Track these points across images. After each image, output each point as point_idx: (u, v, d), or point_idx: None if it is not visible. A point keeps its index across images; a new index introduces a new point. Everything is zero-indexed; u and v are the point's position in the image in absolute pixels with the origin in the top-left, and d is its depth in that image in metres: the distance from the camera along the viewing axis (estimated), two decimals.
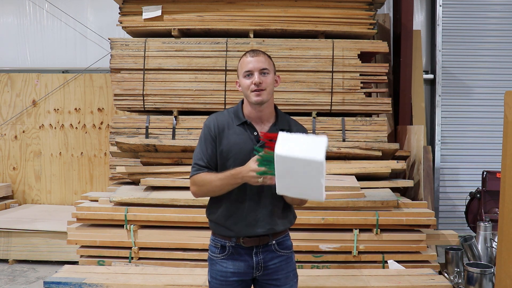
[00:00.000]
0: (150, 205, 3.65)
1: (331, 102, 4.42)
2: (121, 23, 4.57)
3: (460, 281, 3.42)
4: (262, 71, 1.91)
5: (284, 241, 2.03)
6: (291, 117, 2.14)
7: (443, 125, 5.83)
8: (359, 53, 4.42)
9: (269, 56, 1.98)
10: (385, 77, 4.47)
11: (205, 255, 3.57)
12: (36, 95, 5.76)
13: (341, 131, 4.37)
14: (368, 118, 4.44)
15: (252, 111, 1.95)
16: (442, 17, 5.77)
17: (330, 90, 4.42)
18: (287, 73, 4.41)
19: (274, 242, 1.98)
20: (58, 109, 5.74)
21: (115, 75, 4.50)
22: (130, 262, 3.60)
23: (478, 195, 4.75)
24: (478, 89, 5.82)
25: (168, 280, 3.05)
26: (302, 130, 2.04)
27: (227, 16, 4.50)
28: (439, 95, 5.80)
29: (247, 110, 1.97)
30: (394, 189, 4.00)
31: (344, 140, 4.34)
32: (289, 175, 1.62)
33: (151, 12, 4.49)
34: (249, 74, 1.91)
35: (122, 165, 4.17)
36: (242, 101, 2.02)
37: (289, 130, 1.93)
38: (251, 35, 4.47)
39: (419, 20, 5.92)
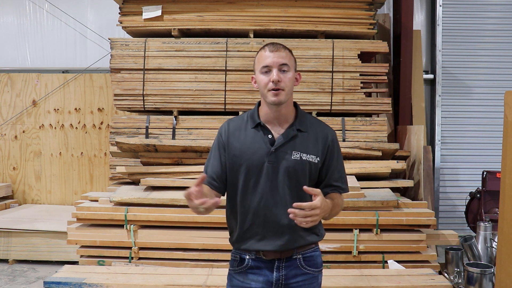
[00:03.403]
0: (150, 205, 3.65)
1: (331, 102, 4.42)
2: (121, 23, 4.57)
3: (460, 281, 3.42)
4: (282, 68, 1.69)
5: (313, 257, 1.79)
6: (318, 117, 1.91)
7: (443, 125, 5.83)
8: (359, 53, 4.42)
9: (290, 51, 1.76)
10: (385, 77, 4.47)
11: (205, 255, 3.59)
12: (36, 95, 5.76)
13: (341, 131, 4.37)
14: (368, 118, 4.44)
15: (268, 111, 1.75)
16: (442, 17, 5.77)
17: (330, 90, 4.42)
18: None
19: (299, 256, 1.75)
20: (58, 109, 5.74)
21: (115, 75, 4.50)
22: (130, 262, 3.60)
23: (478, 195, 4.75)
24: (478, 89, 5.82)
25: (168, 280, 3.04)
26: (326, 132, 1.80)
27: (227, 16, 4.50)
28: (439, 95, 5.80)
29: (263, 110, 1.77)
30: (394, 189, 4.00)
31: (344, 140, 4.34)
32: None
33: (151, 12, 4.49)
34: (267, 70, 1.69)
35: (122, 165, 4.17)
36: (259, 103, 1.82)
37: (309, 132, 1.76)
38: (251, 35, 4.47)
39: (419, 20, 5.92)
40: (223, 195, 1.82)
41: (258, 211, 1.72)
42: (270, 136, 1.73)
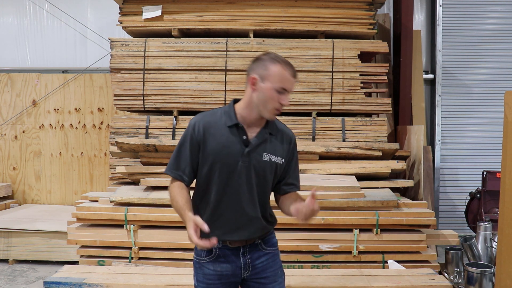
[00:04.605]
0: (150, 205, 3.64)
1: (331, 102, 4.42)
2: (121, 23, 4.57)
3: (460, 281, 3.42)
4: (291, 92, 1.83)
5: (270, 239, 2.00)
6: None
7: (443, 125, 5.83)
8: (359, 53, 4.42)
9: None
10: (385, 77, 4.47)
11: None
12: (36, 95, 5.76)
13: (341, 131, 4.37)
14: (368, 118, 4.44)
15: (250, 116, 1.84)
16: (442, 17, 5.77)
17: (330, 90, 4.42)
18: None
19: (260, 241, 1.96)
20: (58, 109, 5.74)
21: (115, 75, 4.50)
22: (130, 262, 3.60)
23: (478, 195, 4.75)
24: (478, 89, 5.82)
25: (168, 280, 3.04)
26: (290, 135, 1.96)
27: (227, 16, 4.50)
28: (439, 95, 5.80)
29: (243, 112, 1.85)
30: (394, 189, 4.00)
31: (344, 140, 4.34)
32: None
33: (151, 12, 4.49)
34: (282, 92, 1.79)
35: (122, 165, 4.17)
36: (235, 101, 1.92)
37: (277, 135, 1.90)
38: (251, 35, 4.47)
39: (419, 20, 5.92)
40: (189, 185, 1.92)
41: (229, 204, 1.86)
42: (244, 137, 1.84)
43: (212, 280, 1.92)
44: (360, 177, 3.94)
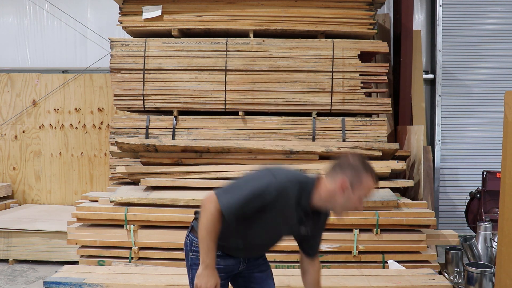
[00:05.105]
0: (150, 205, 3.65)
1: (331, 102, 4.42)
2: (121, 23, 4.57)
3: (460, 281, 3.42)
4: None
5: None
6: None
7: (443, 125, 5.82)
8: (359, 53, 4.42)
9: None
10: (385, 77, 4.47)
11: None
12: (36, 95, 5.76)
13: (341, 131, 4.37)
14: (368, 118, 4.44)
15: (321, 205, 1.88)
16: (442, 17, 5.77)
17: (330, 90, 4.42)
18: (287, 73, 4.41)
19: None
20: (58, 109, 5.74)
21: (115, 75, 4.50)
22: (130, 262, 3.60)
23: (478, 195, 4.75)
24: (478, 89, 5.82)
25: (168, 280, 3.05)
26: (328, 214, 2.06)
27: (227, 16, 4.50)
28: (439, 95, 5.80)
29: (318, 202, 1.86)
30: (394, 189, 4.00)
31: (344, 140, 4.34)
32: None
33: (151, 12, 4.49)
34: (362, 198, 1.87)
35: (122, 165, 4.17)
36: (315, 182, 1.86)
37: (321, 216, 1.98)
38: (251, 35, 4.47)
39: (419, 20, 5.92)
40: None
41: (253, 245, 2.01)
42: (302, 216, 1.89)
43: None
44: None
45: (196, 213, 2.07)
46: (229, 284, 2.16)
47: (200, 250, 1.81)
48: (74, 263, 3.81)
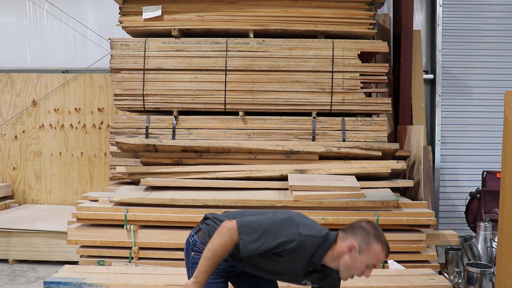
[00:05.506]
0: (150, 205, 3.65)
1: (331, 102, 4.42)
2: (121, 23, 4.57)
3: (460, 281, 3.42)
4: None
5: None
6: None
7: (443, 125, 5.82)
8: (359, 53, 4.42)
9: None
10: (385, 77, 4.47)
11: None
12: (36, 95, 5.76)
13: (341, 131, 4.37)
14: (368, 118, 4.44)
15: (330, 265, 1.90)
16: (442, 17, 5.77)
17: (330, 90, 4.42)
18: (287, 73, 4.41)
19: None
20: (58, 109, 5.74)
21: (115, 75, 4.50)
22: (130, 262, 3.60)
23: (478, 195, 4.75)
24: (478, 89, 5.82)
25: (168, 280, 3.05)
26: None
27: (227, 16, 4.50)
28: (439, 95, 5.80)
29: (329, 262, 1.89)
30: (394, 189, 4.00)
31: (344, 140, 4.34)
32: None
33: (151, 12, 4.49)
34: (371, 267, 1.86)
35: (122, 165, 4.17)
36: (333, 242, 1.89)
37: (328, 271, 1.99)
38: (251, 35, 4.48)
39: (419, 20, 5.92)
40: None
41: (250, 270, 2.04)
42: (309, 270, 1.93)
43: (216, 273, 2.00)
44: (360, 177, 3.94)
45: (206, 218, 2.07)
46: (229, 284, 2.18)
47: (198, 265, 1.83)
48: (74, 263, 3.81)
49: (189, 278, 2.05)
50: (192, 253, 2.06)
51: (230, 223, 1.82)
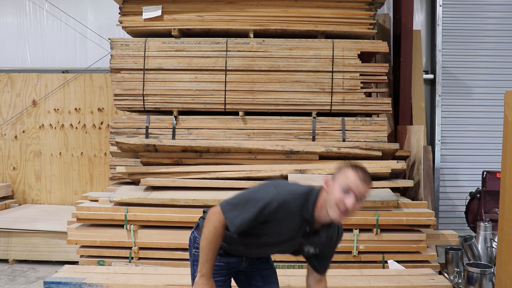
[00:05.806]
0: (150, 205, 3.65)
1: (331, 102, 4.42)
2: (121, 23, 4.57)
3: (460, 281, 3.42)
4: (360, 199, 1.78)
5: None
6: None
7: (443, 125, 5.82)
8: (359, 53, 4.42)
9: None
10: (385, 77, 4.47)
11: None
12: (36, 95, 5.76)
13: (341, 131, 4.37)
14: (368, 118, 4.44)
15: (322, 216, 1.86)
16: (442, 17, 5.77)
17: (330, 90, 4.42)
18: (287, 73, 4.42)
19: None
20: (58, 109, 5.74)
21: (115, 75, 4.50)
22: (130, 262, 3.60)
23: (478, 195, 4.75)
24: (478, 89, 5.82)
25: (168, 280, 3.05)
26: (337, 234, 2.07)
27: (227, 16, 4.50)
28: (439, 95, 5.80)
29: (320, 214, 1.86)
30: (394, 189, 4.00)
31: (344, 140, 4.34)
32: None
33: (151, 12, 4.49)
34: (348, 192, 1.75)
35: (122, 165, 4.18)
36: (318, 194, 1.87)
37: (330, 235, 1.99)
38: (251, 35, 4.48)
39: (419, 20, 5.92)
40: None
41: (254, 251, 2.06)
42: (307, 230, 1.91)
43: (217, 271, 2.02)
44: None
45: (204, 212, 2.10)
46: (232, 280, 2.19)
47: (199, 259, 1.86)
48: (74, 263, 3.81)
49: (192, 276, 2.07)
50: (193, 250, 2.08)
51: (215, 208, 1.87)
